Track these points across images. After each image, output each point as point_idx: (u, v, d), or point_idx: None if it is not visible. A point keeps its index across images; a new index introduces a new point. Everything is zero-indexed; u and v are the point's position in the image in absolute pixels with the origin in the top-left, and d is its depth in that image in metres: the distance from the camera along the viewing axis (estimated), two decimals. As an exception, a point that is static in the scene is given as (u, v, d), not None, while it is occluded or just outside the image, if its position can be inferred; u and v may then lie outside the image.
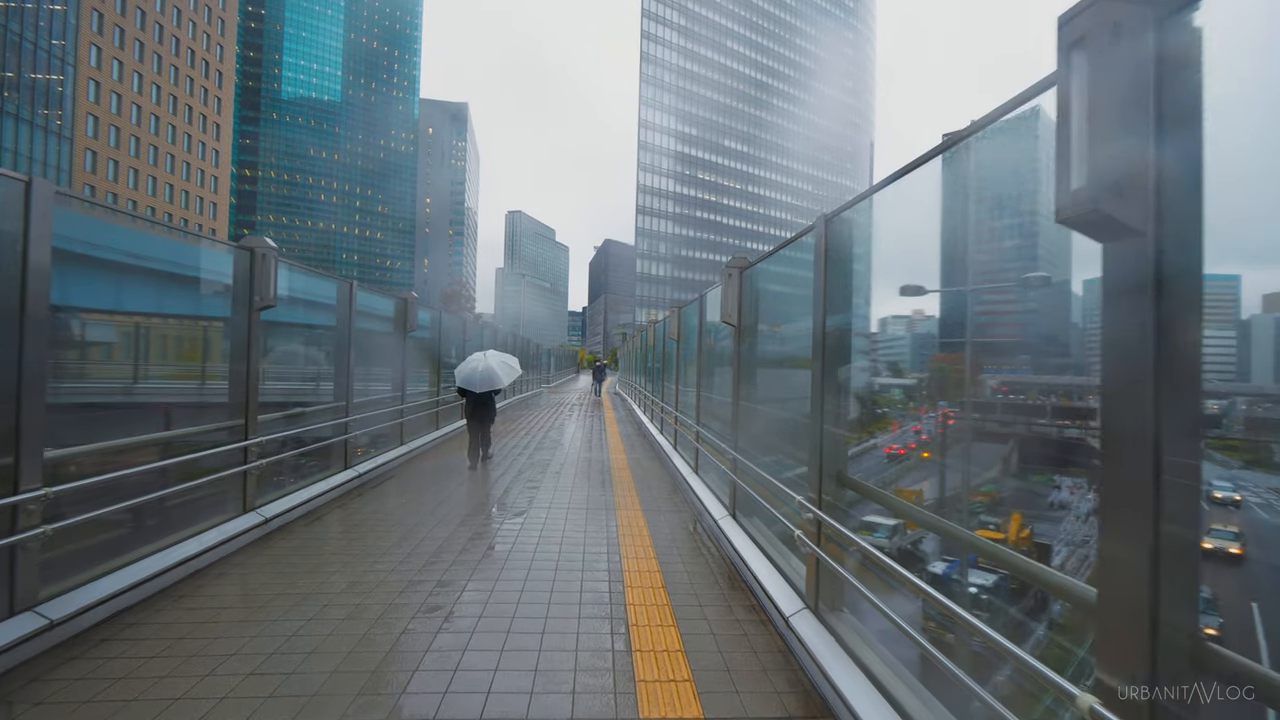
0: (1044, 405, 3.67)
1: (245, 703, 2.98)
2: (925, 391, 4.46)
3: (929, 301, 3.80)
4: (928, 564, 3.50)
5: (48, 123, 50.41)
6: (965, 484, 4.03)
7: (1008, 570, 2.30)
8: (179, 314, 6.79)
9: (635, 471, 9.35)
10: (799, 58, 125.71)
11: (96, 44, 54.61)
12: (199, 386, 7.12)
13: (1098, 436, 1.61)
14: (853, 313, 3.62)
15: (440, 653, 3.50)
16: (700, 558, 5.41)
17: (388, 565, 5.00)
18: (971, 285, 3.71)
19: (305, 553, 5.34)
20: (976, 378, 4.11)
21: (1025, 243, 3.48)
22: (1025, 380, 3.35)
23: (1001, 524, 3.33)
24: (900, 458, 4.33)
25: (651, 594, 4.48)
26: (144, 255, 6.25)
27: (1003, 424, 3.78)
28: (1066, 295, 3.52)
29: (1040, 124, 2.53)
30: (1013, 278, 3.89)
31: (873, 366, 4.08)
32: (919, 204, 3.22)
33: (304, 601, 4.22)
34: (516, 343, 23.46)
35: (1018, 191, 3.63)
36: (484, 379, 9.49)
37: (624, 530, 6.19)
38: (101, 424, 5.71)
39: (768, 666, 3.48)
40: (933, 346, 3.81)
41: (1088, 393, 3.52)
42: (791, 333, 4.86)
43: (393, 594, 4.38)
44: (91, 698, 3.00)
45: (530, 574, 4.84)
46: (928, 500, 4.33)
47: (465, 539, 5.78)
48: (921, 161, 2.68)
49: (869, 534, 3.80)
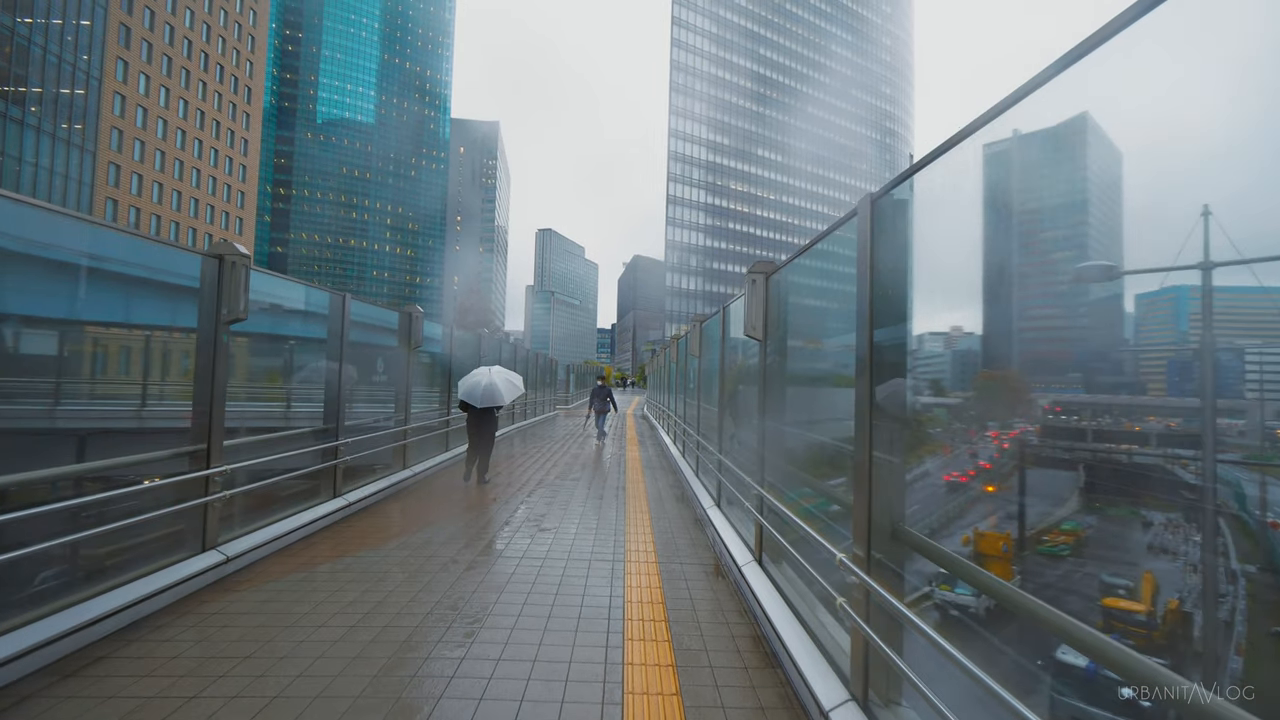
0: (1130, 429, 2.95)
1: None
2: (977, 411, 3.74)
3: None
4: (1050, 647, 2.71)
5: (70, 136, 51.97)
6: (1035, 520, 3.34)
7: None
8: (136, 324, 6.37)
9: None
10: (834, 64, 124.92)
11: (123, 58, 56.38)
12: (140, 408, 6.70)
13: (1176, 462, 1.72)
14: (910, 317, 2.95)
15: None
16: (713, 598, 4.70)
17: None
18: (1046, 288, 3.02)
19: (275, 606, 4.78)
20: (1031, 395, 3.38)
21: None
22: (1112, 402, 2.62)
23: (1133, 588, 2.51)
24: (962, 485, 3.59)
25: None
26: (101, 256, 5.86)
27: (1067, 449, 3.11)
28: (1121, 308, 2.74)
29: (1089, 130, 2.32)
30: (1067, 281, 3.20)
31: (934, 383, 3.37)
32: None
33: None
34: (527, 357, 21.64)
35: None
36: (486, 395, 9.66)
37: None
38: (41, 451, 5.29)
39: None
40: (1003, 361, 3.09)
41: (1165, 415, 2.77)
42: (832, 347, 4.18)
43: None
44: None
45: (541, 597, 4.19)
46: (996, 543, 3.56)
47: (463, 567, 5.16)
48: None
49: (947, 589, 3.07)
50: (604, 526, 7.33)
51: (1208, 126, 1.80)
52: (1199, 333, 2.12)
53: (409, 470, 9.94)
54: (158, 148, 60.90)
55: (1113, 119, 2.19)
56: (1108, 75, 1.85)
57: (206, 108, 67.23)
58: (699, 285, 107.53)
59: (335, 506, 7.32)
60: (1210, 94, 1.78)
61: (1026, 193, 2.77)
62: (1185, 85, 1.79)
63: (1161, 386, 2.38)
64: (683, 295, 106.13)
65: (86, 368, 6.44)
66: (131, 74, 57.38)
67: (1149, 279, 2.13)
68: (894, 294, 2.96)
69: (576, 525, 7.36)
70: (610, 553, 6.26)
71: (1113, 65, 1.82)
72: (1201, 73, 1.76)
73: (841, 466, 3.56)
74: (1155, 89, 1.91)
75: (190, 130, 65.04)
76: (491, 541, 6.56)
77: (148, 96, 59.44)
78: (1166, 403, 2.34)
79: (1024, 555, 3.24)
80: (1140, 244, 2.17)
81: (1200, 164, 1.89)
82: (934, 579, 3.51)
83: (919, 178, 2.74)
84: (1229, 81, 1.73)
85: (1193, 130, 1.83)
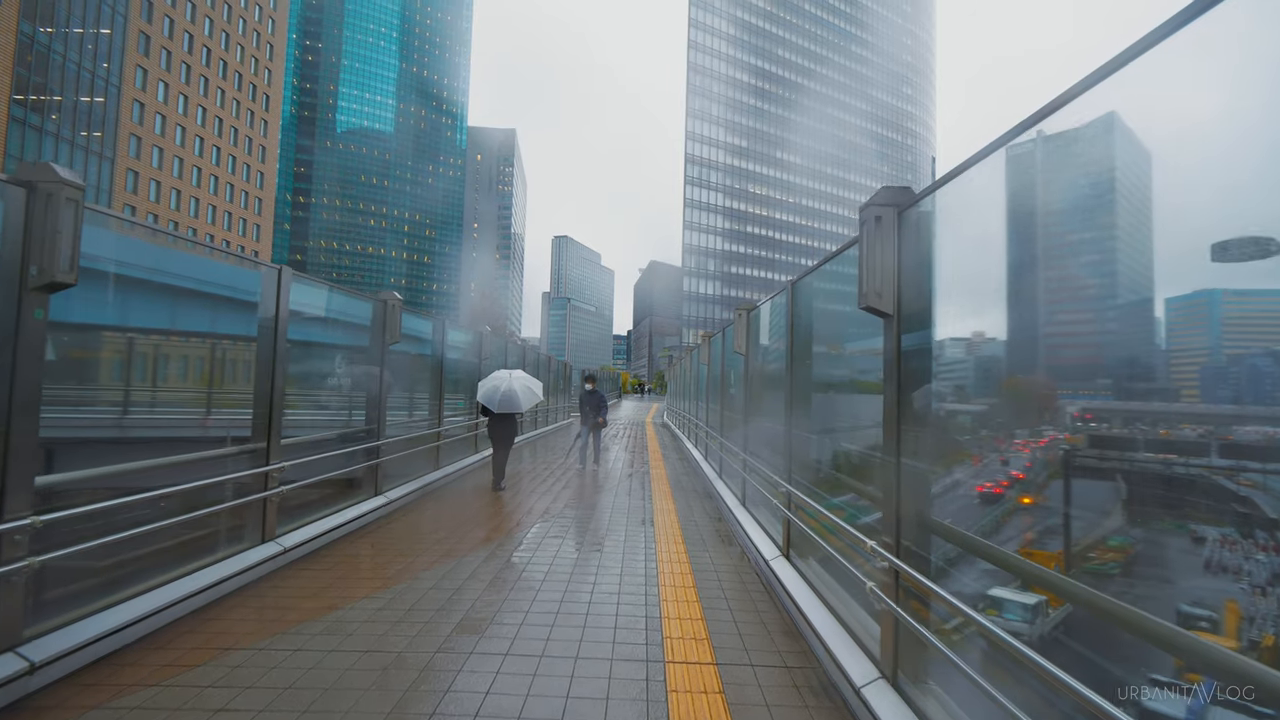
0: (1181, 438, 2.88)
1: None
2: (1012, 416, 3.76)
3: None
4: (1129, 682, 2.28)
5: (89, 143, 53.32)
6: (1079, 535, 3.17)
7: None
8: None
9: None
10: (855, 65, 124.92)
11: (143, 65, 57.78)
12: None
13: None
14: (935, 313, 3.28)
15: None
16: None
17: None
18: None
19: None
20: (1058, 401, 3.47)
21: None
22: (1152, 410, 2.58)
23: (1216, 620, 2.11)
24: (996, 497, 3.45)
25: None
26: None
27: (1103, 458, 3.15)
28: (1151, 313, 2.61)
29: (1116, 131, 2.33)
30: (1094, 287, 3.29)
31: (958, 389, 3.59)
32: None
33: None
34: (537, 360, 19.72)
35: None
36: (505, 400, 9.73)
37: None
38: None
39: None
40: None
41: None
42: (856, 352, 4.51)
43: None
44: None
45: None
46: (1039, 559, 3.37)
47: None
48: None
49: (994, 613, 3.05)
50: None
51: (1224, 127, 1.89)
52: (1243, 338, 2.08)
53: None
54: (176, 154, 62.23)
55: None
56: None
57: (225, 114, 68.67)
58: (717, 290, 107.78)
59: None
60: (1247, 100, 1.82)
61: (1056, 194, 2.90)
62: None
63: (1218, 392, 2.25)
64: (700, 300, 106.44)
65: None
66: (150, 81, 58.78)
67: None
68: (922, 292, 3.30)
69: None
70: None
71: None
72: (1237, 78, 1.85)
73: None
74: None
75: (208, 137, 66.45)
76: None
77: (166, 104, 60.83)
78: (1225, 410, 2.20)
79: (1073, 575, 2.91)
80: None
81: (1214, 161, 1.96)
82: (978, 601, 3.15)
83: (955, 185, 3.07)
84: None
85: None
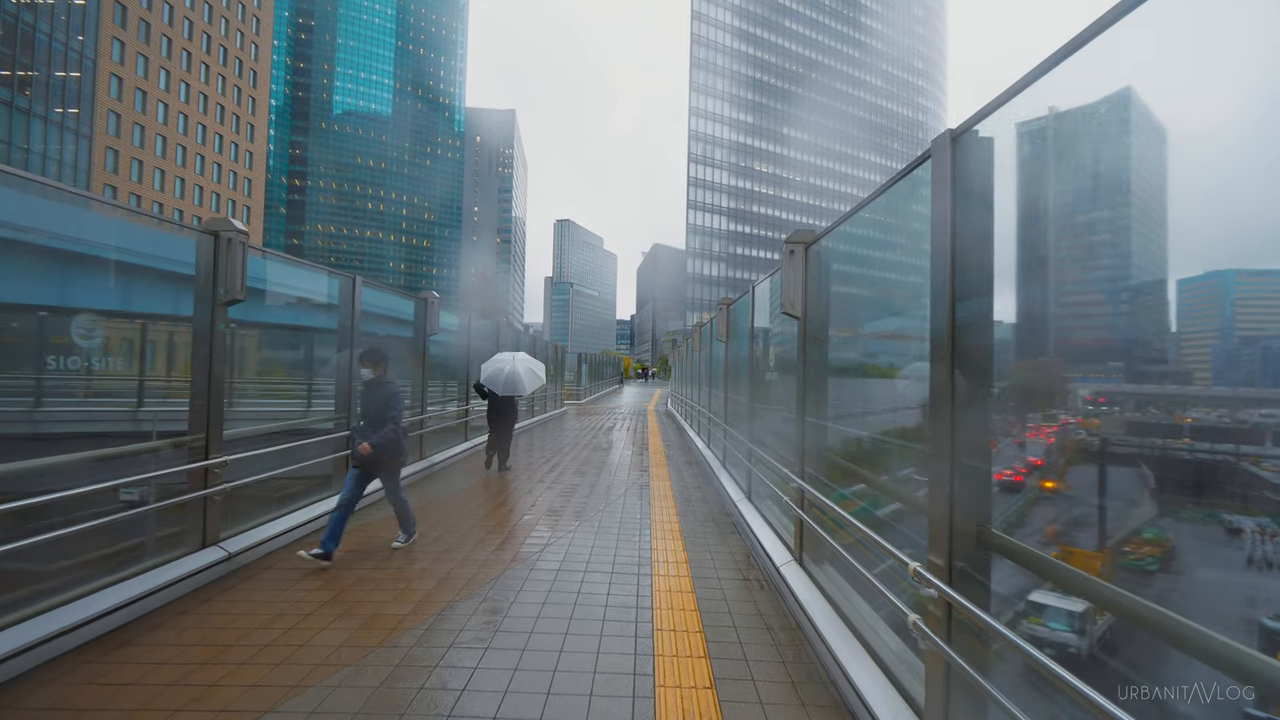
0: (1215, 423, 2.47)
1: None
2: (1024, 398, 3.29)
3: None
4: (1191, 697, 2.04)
5: (64, 120, 52.36)
6: (1114, 526, 2.88)
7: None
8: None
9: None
10: (864, 37, 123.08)
11: (119, 38, 56.57)
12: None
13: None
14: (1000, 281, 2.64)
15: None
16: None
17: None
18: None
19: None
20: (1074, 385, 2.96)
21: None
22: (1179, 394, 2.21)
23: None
24: (1017, 485, 3.15)
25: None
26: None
27: (1133, 445, 2.65)
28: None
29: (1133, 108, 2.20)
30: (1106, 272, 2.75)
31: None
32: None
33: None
34: (532, 345, 18.94)
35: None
36: (508, 383, 9.75)
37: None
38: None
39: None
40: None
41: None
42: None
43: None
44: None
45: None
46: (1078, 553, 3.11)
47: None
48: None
49: (1037, 621, 2.68)
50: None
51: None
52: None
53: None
54: (158, 132, 61.24)
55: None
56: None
57: (210, 91, 67.49)
58: (722, 271, 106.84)
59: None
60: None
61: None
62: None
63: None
64: (705, 282, 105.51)
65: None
66: (129, 55, 57.56)
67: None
68: (982, 254, 2.65)
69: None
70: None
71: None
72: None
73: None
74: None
75: (193, 115, 65.35)
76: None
77: (146, 79, 59.61)
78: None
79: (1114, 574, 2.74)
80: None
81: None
82: (1024, 616, 3.04)
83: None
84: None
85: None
